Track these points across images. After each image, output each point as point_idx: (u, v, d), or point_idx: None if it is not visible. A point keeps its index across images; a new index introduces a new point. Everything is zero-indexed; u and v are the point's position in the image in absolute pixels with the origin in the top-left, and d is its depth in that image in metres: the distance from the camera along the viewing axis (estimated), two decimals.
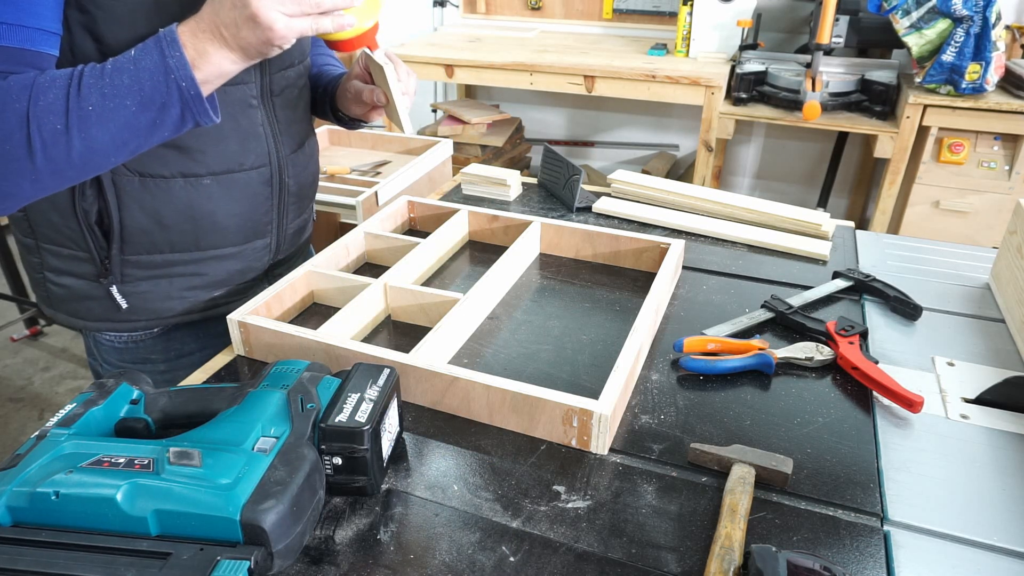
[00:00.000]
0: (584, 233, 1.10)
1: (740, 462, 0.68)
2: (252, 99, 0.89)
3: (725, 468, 0.69)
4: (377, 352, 0.80)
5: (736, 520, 0.61)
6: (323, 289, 0.99)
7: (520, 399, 0.73)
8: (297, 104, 0.99)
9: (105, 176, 0.84)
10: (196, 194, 0.89)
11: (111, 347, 0.98)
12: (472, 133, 3.03)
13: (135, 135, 0.72)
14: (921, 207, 2.45)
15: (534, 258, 1.13)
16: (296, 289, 0.96)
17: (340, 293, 0.97)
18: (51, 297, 0.94)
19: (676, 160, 3.36)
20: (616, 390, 0.73)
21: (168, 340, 0.98)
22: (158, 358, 0.99)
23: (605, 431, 0.71)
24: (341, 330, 0.87)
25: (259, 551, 0.54)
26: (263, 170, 0.94)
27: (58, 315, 0.95)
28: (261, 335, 0.85)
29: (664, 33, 3.11)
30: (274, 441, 0.61)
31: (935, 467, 0.71)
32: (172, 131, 0.74)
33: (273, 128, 0.94)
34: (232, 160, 0.90)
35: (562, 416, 0.72)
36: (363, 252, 1.11)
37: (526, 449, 0.73)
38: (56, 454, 0.59)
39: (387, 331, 0.95)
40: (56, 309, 0.95)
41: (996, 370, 0.86)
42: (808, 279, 1.06)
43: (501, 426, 0.76)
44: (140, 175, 0.85)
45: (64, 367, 2.62)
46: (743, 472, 0.67)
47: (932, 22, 2.23)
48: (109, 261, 0.89)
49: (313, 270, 0.98)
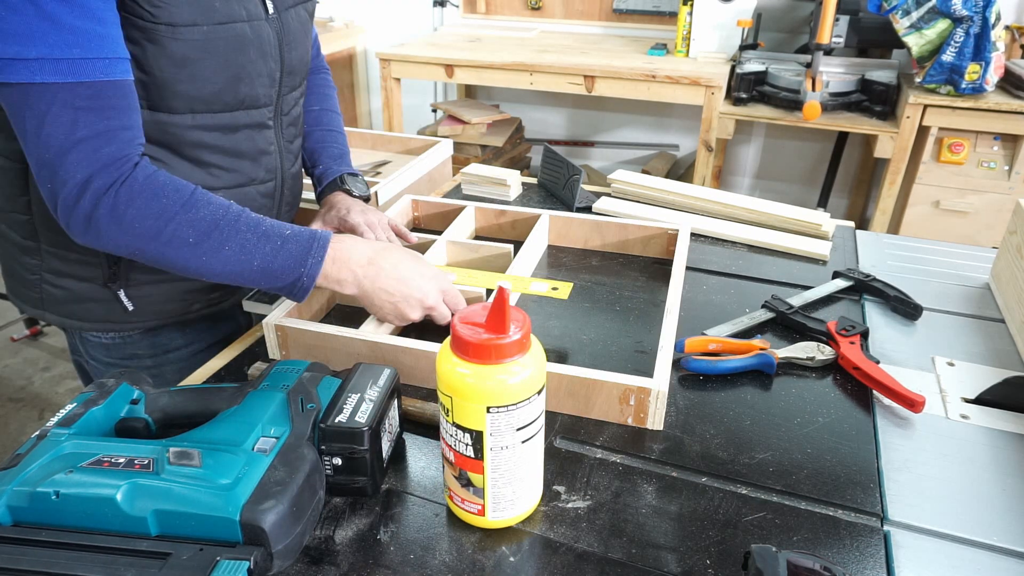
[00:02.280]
0: (593, 223, 1.13)
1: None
2: (268, 120, 0.94)
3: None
4: (418, 345, 0.81)
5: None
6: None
7: (577, 382, 0.76)
8: (297, 121, 1.03)
9: None
10: None
11: (98, 343, 0.99)
12: (472, 133, 3.03)
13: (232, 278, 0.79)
14: (921, 207, 2.45)
15: (543, 251, 1.15)
16: (322, 290, 0.97)
17: None
18: (45, 298, 0.94)
19: (676, 160, 3.36)
20: (666, 368, 0.77)
21: (155, 336, 0.99)
22: (144, 354, 1.00)
23: (662, 407, 0.75)
24: (378, 327, 0.88)
25: (259, 551, 0.54)
26: (270, 184, 0.98)
27: (47, 315, 0.96)
28: (301, 337, 0.86)
29: (664, 33, 3.11)
30: (274, 441, 0.61)
31: (935, 467, 0.71)
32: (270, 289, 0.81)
33: (280, 145, 0.98)
34: (245, 176, 0.94)
35: (619, 396, 0.75)
36: None
37: None
38: (56, 454, 0.59)
39: (412, 328, 0.93)
40: (47, 310, 0.95)
41: (996, 370, 0.86)
42: (808, 279, 1.06)
43: (556, 410, 0.79)
44: None
45: (64, 367, 2.62)
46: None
47: (932, 22, 2.23)
48: (119, 267, 0.90)
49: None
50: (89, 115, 0.71)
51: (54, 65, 0.69)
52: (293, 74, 0.95)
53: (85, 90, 0.71)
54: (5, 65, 0.68)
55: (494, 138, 3.05)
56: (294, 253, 0.79)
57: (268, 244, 0.78)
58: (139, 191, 0.74)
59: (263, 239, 0.78)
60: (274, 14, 0.89)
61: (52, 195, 0.74)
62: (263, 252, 0.78)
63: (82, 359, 1.02)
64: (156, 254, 0.76)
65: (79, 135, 0.71)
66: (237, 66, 0.84)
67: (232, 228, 0.77)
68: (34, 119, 0.70)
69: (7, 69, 0.68)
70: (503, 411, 0.57)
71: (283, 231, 0.79)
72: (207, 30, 0.79)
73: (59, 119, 0.70)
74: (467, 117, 3.05)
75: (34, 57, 0.68)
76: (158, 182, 0.76)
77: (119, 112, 0.74)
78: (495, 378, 0.56)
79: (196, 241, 0.75)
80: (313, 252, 0.79)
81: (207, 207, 0.77)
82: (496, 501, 0.61)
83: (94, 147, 0.72)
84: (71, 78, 0.69)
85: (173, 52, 0.78)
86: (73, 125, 0.71)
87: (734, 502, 0.67)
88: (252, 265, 0.77)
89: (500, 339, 0.55)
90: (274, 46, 0.89)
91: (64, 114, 0.70)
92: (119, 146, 0.74)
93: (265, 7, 0.87)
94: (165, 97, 0.81)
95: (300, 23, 0.95)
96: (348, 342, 0.83)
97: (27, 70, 0.68)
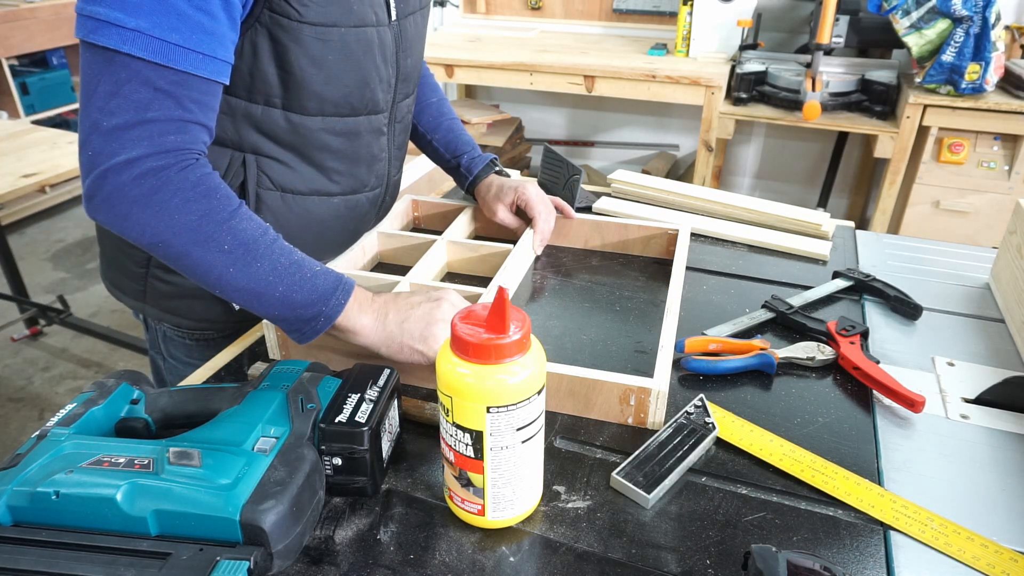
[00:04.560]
0: (593, 223, 1.13)
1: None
2: (383, 127, 0.95)
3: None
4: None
5: None
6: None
7: (577, 382, 0.76)
8: (407, 130, 1.05)
9: (251, 189, 0.87)
10: (326, 210, 0.94)
11: (181, 343, 1.00)
12: (472, 133, 3.03)
13: (249, 298, 0.74)
14: (921, 207, 2.45)
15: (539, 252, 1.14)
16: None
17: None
18: (148, 291, 0.95)
19: (676, 160, 3.36)
20: (666, 368, 0.77)
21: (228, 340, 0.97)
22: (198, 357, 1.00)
23: (662, 407, 0.75)
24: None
25: (259, 551, 0.54)
26: (378, 191, 1.01)
27: (148, 308, 0.97)
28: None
29: (664, 33, 3.11)
30: (274, 441, 0.61)
31: (935, 467, 0.71)
32: (277, 318, 0.76)
33: (390, 153, 1.00)
34: (359, 182, 0.96)
35: (619, 396, 0.75)
36: (377, 252, 1.12)
37: None
38: (56, 454, 0.59)
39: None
40: (148, 303, 0.96)
41: (996, 370, 0.86)
42: (808, 279, 1.06)
43: (556, 410, 0.79)
44: (282, 191, 0.90)
45: (64, 367, 2.62)
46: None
47: (932, 22, 2.23)
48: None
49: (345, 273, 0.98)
50: (167, 100, 0.69)
51: (148, 42, 0.66)
52: (407, 81, 0.97)
53: (172, 75, 0.69)
54: (101, 26, 0.65)
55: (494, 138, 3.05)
56: (320, 288, 0.75)
57: (298, 273, 0.75)
58: (192, 184, 0.71)
59: (294, 267, 0.75)
60: (395, 20, 0.89)
61: (91, 161, 0.70)
62: (291, 279, 0.74)
63: (160, 356, 1.04)
64: (181, 250, 0.72)
65: (150, 115, 0.69)
66: (364, 70, 0.86)
67: (268, 248, 0.74)
68: (109, 85, 0.68)
69: (102, 30, 0.66)
70: (503, 411, 0.56)
71: (314, 266, 0.77)
72: (344, 32, 0.81)
73: (136, 93, 0.68)
74: (467, 117, 3.05)
75: (132, 28, 0.65)
76: (214, 183, 0.73)
77: (198, 108, 0.72)
78: (495, 378, 0.56)
79: (231, 249, 0.72)
80: (338, 293, 0.76)
81: (250, 222, 0.74)
82: (496, 501, 0.61)
83: (161, 131, 0.70)
84: (160, 60, 0.67)
85: (315, 53, 0.79)
86: (148, 104, 0.69)
87: (734, 502, 0.67)
88: (277, 290, 0.74)
89: (500, 339, 0.55)
90: (392, 52, 0.90)
91: (142, 91, 0.68)
92: (186, 138, 0.72)
93: (389, 12, 0.88)
94: (300, 98, 0.82)
95: (416, 30, 0.96)
96: (347, 342, 0.83)
97: (119, 37, 0.66)
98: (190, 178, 0.71)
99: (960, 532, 0.63)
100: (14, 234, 3.53)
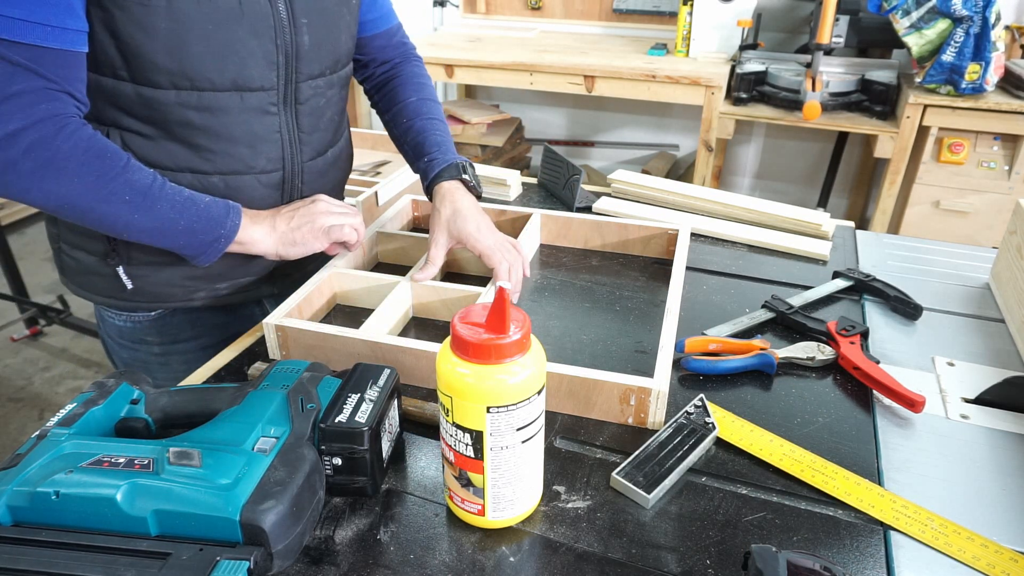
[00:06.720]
0: (592, 223, 1.13)
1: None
2: (271, 106, 0.89)
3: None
4: (418, 345, 0.81)
5: None
6: (348, 290, 1.00)
7: (577, 382, 0.76)
8: (323, 112, 0.97)
9: None
10: (206, 189, 0.90)
11: (112, 323, 1.02)
12: (472, 133, 3.03)
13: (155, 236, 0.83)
14: (921, 207, 2.45)
15: (535, 250, 1.15)
16: (322, 291, 0.97)
17: (366, 293, 0.98)
18: (64, 267, 0.98)
19: (676, 160, 3.36)
20: (666, 368, 0.77)
21: (164, 324, 1.00)
22: (153, 340, 1.01)
23: (662, 407, 0.75)
24: (380, 327, 0.88)
25: (259, 551, 0.54)
26: (275, 174, 0.94)
27: (70, 285, 0.99)
28: (301, 337, 0.86)
29: (664, 33, 3.11)
30: (274, 441, 0.61)
31: (935, 467, 0.71)
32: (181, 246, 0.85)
33: (292, 135, 0.93)
34: (241, 162, 0.90)
35: (619, 396, 0.75)
36: (376, 252, 1.12)
37: None
38: (56, 454, 0.59)
39: (412, 328, 0.96)
40: (68, 279, 0.99)
41: (996, 370, 0.86)
42: (808, 279, 1.06)
43: (556, 410, 0.78)
44: (151, 166, 0.86)
45: (64, 367, 2.62)
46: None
47: (932, 22, 2.23)
48: (115, 242, 0.91)
49: (338, 272, 0.99)
50: (27, 73, 0.71)
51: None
52: (309, 61, 0.89)
53: (24, 51, 0.71)
54: None
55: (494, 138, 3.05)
56: (215, 215, 0.85)
57: (193, 207, 0.83)
58: (84, 149, 0.75)
59: (188, 201, 0.83)
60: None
61: None
62: (189, 213, 0.83)
63: (104, 336, 1.06)
64: (86, 208, 0.78)
65: (15, 89, 0.71)
66: (221, 43, 0.80)
67: (161, 191, 0.81)
68: None
69: None
70: (503, 411, 0.56)
71: (203, 198, 0.85)
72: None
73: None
74: (467, 117, 3.05)
75: None
76: (101, 143, 0.78)
77: (60, 78, 0.74)
78: (495, 378, 0.56)
79: (131, 199, 0.79)
80: (232, 215, 0.86)
81: (140, 172, 0.80)
82: (496, 501, 0.61)
83: (30, 101, 0.72)
84: (9, 36, 0.69)
85: (140, 19, 0.76)
86: (11, 79, 0.71)
87: (734, 502, 0.67)
88: (179, 225, 0.82)
89: (500, 339, 0.55)
90: (274, 27, 0.84)
91: (2, 66, 0.70)
92: (56, 105, 0.74)
93: None
94: (145, 69, 0.80)
95: (328, 5, 0.89)
96: (348, 342, 0.83)
97: None
98: (79, 144, 0.75)
99: (960, 532, 0.63)
100: (14, 234, 3.53)
